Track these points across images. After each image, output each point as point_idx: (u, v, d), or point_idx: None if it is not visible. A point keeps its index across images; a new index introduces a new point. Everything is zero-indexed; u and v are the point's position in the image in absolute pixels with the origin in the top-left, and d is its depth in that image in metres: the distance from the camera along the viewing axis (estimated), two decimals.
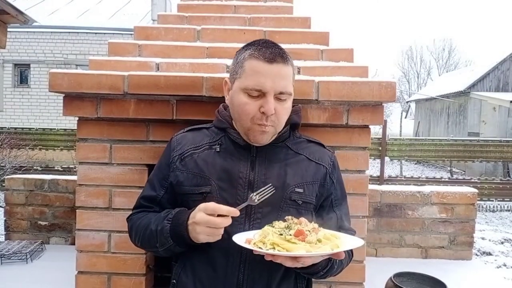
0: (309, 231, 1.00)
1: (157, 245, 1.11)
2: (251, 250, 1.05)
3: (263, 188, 1.07)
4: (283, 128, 1.18)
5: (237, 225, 1.08)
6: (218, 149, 1.16)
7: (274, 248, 0.96)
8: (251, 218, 1.10)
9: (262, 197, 1.06)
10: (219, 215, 1.00)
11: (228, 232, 1.07)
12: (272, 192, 1.07)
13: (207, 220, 0.99)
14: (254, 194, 1.06)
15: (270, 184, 1.08)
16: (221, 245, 1.08)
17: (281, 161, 1.16)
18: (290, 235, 0.98)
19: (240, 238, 1.01)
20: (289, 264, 0.96)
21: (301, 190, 1.14)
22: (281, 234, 0.98)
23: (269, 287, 1.12)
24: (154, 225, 1.11)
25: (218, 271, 1.11)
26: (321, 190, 1.18)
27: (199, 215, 1.01)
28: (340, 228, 1.21)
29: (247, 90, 1.07)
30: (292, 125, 1.22)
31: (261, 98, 1.07)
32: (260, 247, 0.96)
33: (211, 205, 1.00)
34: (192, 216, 1.03)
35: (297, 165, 1.17)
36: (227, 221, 1.00)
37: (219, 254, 1.10)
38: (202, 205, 1.01)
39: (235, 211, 1.00)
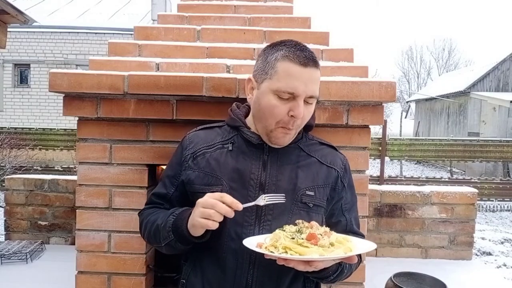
0: (321, 234, 0.99)
1: (160, 239, 1.11)
2: (261, 253, 1.05)
3: (275, 194, 1.06)
4: None
5: (247, 226, 1.08)
6: (230, 148, 1.15)
7: (286, 252, 0.94)
8: (261, 220, 1.09)
9: (270, 201, 1.05)
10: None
11: (238, 233, 1.07)
12: (282, 201, 1.06)
13: (205, 200, 0.99)
14: (265, 196, 1.05)
15: (283, 195, 1.07)
16: (230, 247, 1.08)
17: (293, 163, 1.15)
18: (302, 238, 0.97)
19: (250, 242, 1.00)
20: (301, 268, 0.95)
21: (312, 193, 1.13)
22: (293, 238, 0.97)
23: None
24: (161, 220, 1.12)
25: (227, 272, 1.10)
26: (332, 194, 1.18)
27: (202, 198, 1.01)
28: (349, 232, 1.21)
29: (278, 92, 1.06)
30: (305, 127, 1.20)
31: (291, 101, 1.06)
32: (271, 251, 0.95)
33: (218, 194, 1.00)
34: (198, 200, 1.02)
35: (309, 167, 1.16)
36: (227, 210, 0.97)
37: (228, 255, 1.10)
38: (210, 193, 1.01)
39: (237, 204, 0.98)
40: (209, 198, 1.00)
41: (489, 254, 4.38)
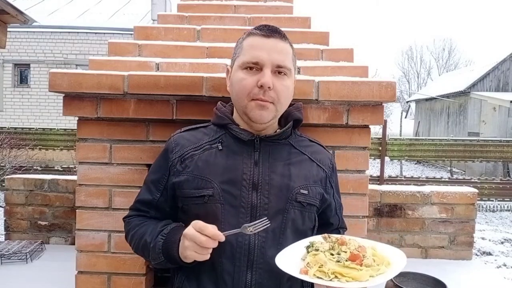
0: (358, 251, 0.98)
1: (150, 258, 1.09)
2: (259, 254, 1.05)
3: (259, 221, 1.02)
4: (287, 124, 1.16)
5: None
6: (220, 147, 1.12)
7: (336, 277, 0.92)
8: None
9: (257, 229, 1.01)
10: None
11: (234, 237, 1.05)
12: (267, 225, 1.02)
13: (193, 234, 0.97)
14: (249, 225, 1.01)
15: (266, 218, 1.03)
16: (227, 251, 1.06)
17: (285, 160, 1.14)
18: (347, 260, 0.95)
19: (283, 263, 0.96)
20: None
21: (305, 192, 1.12)
22: (339, 261, 0.95)
23: None
24: (149, 237, 1.09)
25: (225, 277, 1.07)
26: (324, 196, 1.18)
27: (188, 229, 0.99)
28: (340, 228, 1.26)
29: (244, 65, 1.07)
30: (294, 122, 1.19)
31: (259, 72, 1.06)
32: (319, 277, 0.93)
33: (200, 223, 0.98)
34: (184, 232, 1.01)
35: (300, 165, 1.15)
36: (212, 243, 0.97)
37: (225, 260, 1.07)
38: (194, 221, 1.00)
39: (220, 236, 0.97)
40: (196, 234, 0.97)
41: (489, 254, 4.38)
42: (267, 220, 1.03)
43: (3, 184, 3.37)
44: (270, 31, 1.08)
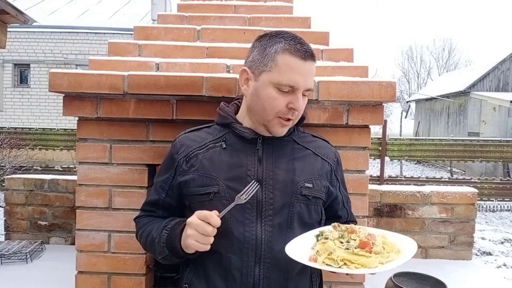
0: (368, 239, 0.99)
1: (156, 253, 1.12)
2: (266, 249, 1.06)
3: (248, 187, 1.05)
4: None
5: (249, 224, 1.08)
6: (224, 146, 1.14)
7: (345, 264, 0.93)
8: (263, 216, 1.09)
9: (249, 195, 1.04)
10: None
11: (241, 232, 1.07)
12: (256, 188, 1.06)
13: (197, 223, 0.99)
14: (240, 194, 1.04)
15: (254, 181, 1.07)
16: (234, 246, 1.07)
17: (288, 155, 1.15)
18: (356, 247, 0.96)
19: (293, 252, 0.97)
20: (360, 276, 0.97)
21: (310, 185, 1.13)
22: (348, 249, 0.96)
23: (286, 286, 1.12)
24: (156, 233, 1.12)
25: (233, 273, 1.09)
26: (330, 188, 1.19)
27: (192, 217, 1.01)
28: (349, 221, 1.27)
29: (279, 86, 1.07)
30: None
31: (290, 94, 1.07)
32: (329, 264, 0.94)
33: (205, 212, 1.00)
34: (188, 220, 1.03)
35: (304, 159, 1.17)
36: (214, 233, 1.00)
37: (232, 255, 1.08)
38: (199, 211, 1.01)
39: (218, 223, 0.99)
40: (201, 223, 0.99)
41: (489, 254, 4.38)
42: (255, 183, 1.06)
43: (3, 184, 3.37)
44: (307, 54, 1.07)
